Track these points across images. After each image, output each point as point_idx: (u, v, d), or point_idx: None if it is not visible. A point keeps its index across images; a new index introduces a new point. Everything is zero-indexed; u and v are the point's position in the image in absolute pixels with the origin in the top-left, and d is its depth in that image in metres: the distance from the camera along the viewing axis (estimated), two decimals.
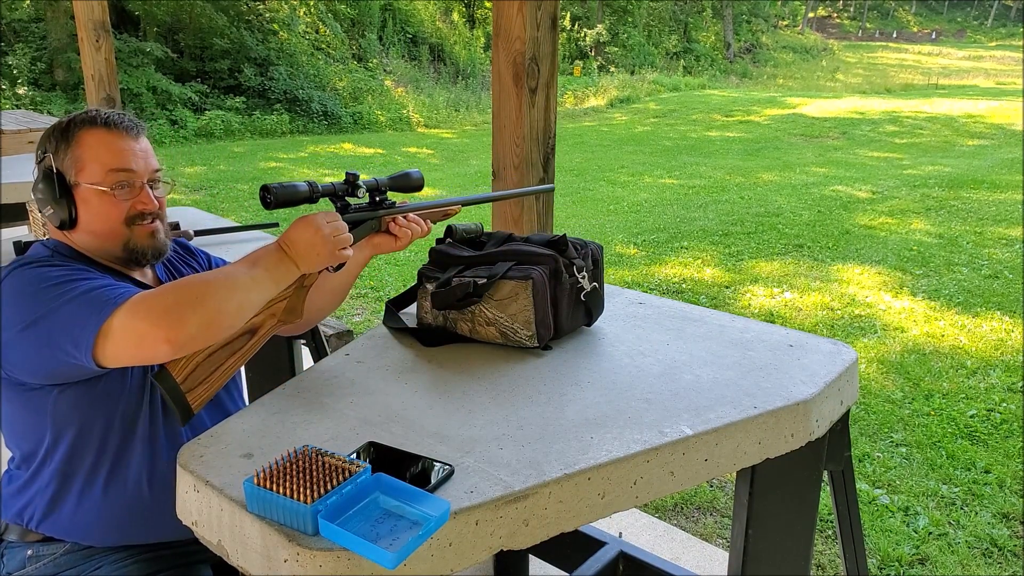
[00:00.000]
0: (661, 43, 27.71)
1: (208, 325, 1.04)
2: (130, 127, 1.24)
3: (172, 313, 1.03)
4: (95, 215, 1.21)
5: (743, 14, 32.77)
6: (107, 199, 1.21)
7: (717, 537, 2.49)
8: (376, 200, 1.31)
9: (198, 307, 1.04)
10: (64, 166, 1.20)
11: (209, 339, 1.07)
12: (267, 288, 1.13)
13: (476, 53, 20.78)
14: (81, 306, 1.07)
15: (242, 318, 1.11)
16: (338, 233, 1.17)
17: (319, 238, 1.15)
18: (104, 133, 1.22)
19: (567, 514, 0.99)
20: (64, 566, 1.23)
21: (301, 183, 1.20)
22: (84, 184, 1.20)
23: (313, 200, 1.22)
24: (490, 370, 1.29)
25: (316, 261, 1.16)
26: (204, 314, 1.04)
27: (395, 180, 1.33)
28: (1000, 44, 39.86)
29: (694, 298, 5.00)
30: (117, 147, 1.22)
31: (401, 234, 1.33)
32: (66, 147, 1.20)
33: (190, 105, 13.38)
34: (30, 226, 2.13)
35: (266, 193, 1.17)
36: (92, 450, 1.21)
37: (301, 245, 1.15)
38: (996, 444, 3.12)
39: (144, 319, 1.03)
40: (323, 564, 0.84)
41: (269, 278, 1.13)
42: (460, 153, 12.37)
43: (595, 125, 16.07)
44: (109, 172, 1.20)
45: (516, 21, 1.73)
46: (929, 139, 12.90)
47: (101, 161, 1.20)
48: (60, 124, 1.23)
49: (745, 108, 17.53)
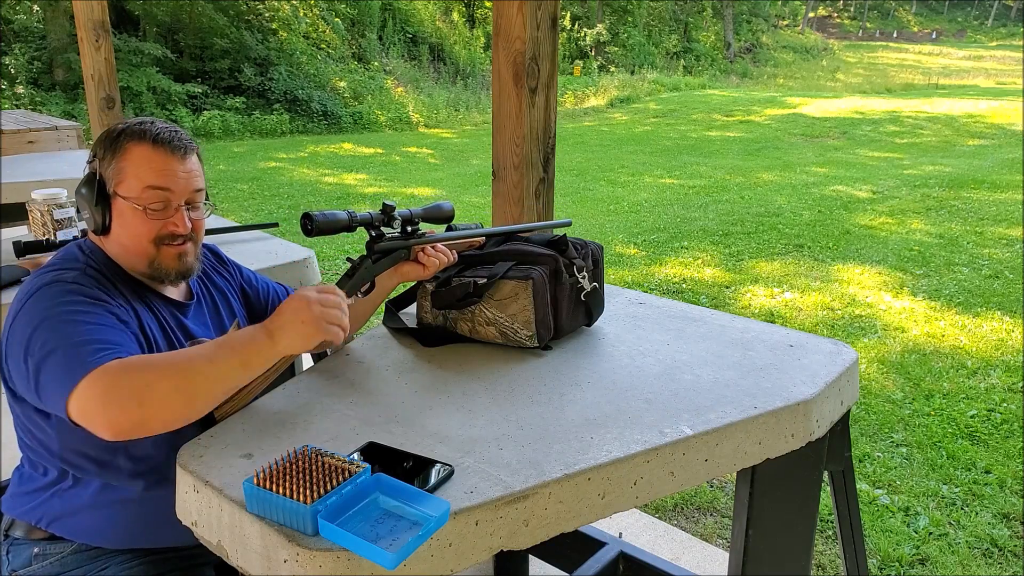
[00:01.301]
0: (661, 43, 27.70)
1: (144, 423, 1.00)
2: (178, 146, 1.23)
3: (116, 400, 0.99)
4: (125, 229, 1.22)
5: (743, 14, 32.76)
6: (139, 215, 1.21)
7: (717, 537, 2.49)
8: (408, 230, 1.35)
9: (144, 401, 0.98)
10: (107, 174, 1.21)
11: (155, 430, 1.02)
12: (236, 378, 1.04)
13: (476, 53, 20.78)
14: (63, 362, 1.04)
15: (195, 411, 1.04)
16: (330, 306, 1.08)
17: (306, 309, 1.06)
18: (149, 149, 1.21)
19: (567, 514, 0.99)
20: (70, 565, 1.23)
21: (341, 212, 1.23)
22: (120, 196, 1.21)
23: (351, 229, 1.25)
24: (490, 370, 1.29)
25: (299, 334, 1.06)
26: (145, 411, 0.99)
27: (428, 211, 1.40)
28: (1000, 44, 39.85)
29: (694, 298, 5.00)
30: (159, 165, 1.21)
31: (429, 263, 1.37)
32: (112, 156, 1.21)
33: (189, 105, 13.38)
34: (30, 226, 2.13)
35: (308, 221, 1.20)
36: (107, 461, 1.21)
37: (286, 315, 1.06)
38: (996, 444, 3.11)
39: (95, 399, 1.00)
40: (323, 564, 0.84)
41: (241, 366, 1.04)
42: (460, 153, 12.37)
43: (595, 125, 16.07)
44: (146, 189, 1.20)
45: (516, 21, 1.73)
46: (929, 139, 12.90)
47: (140, 177, 1.20)
48: (112, 131, 1.23)
49: (745, 108, 17.53)
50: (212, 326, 1.38)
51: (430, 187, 9.32)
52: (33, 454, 1.24)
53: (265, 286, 1.53)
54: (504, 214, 1.91)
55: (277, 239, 2.26)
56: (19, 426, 1.23)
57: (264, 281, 1.54)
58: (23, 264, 1.84)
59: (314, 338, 1.06)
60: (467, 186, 9.34)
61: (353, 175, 10.06)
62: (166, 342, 1.26)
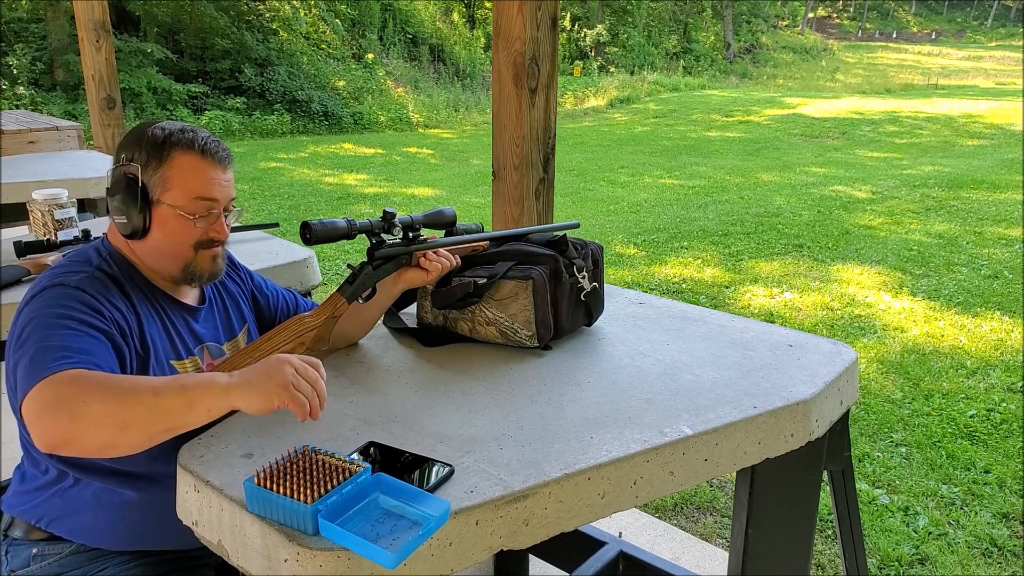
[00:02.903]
0: (661, 43, 27.71)
1: (76, 440, 0.96)
2: (223, 158, 1.25)
3: (51, 413, 0.96)
4: (167, 235, 1.22)
5: (743, 14, 32.76)
6: (185, 224, 1.22)
7: (717, 537, 2.49)
8: (410, 236, 1.35)
9: (77, 416, 0.95)
10: (151, 181, 1.21)
11: (83, 451, 0.98)
12: (173, 411, 0.98)
13: (476, 53, 20.78)
14: (28, 363, 1.03)
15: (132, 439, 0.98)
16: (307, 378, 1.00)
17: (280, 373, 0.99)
18: (198, 159, 1.22)
19: (567, 514, 0.99)
20: (69, 566, 1.23)
21: (340, 220, 1.24)
22: (166, 204, 1.21)
23: (351, 236, 1.25)
24: (490, 370, 1.29)
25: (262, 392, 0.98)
26: (79, 426, 0.96)
27: (429, 217, 1.39)
28: (1000, 44, 39.85)
29: (694, 298, 5.00)
30: (207, 176, 1.22)
31: (431, 268, 1.37)
32: (157, 163, 1.21)
33: (190, 105, 13.38)
34: (30, 226, 2.13)
35: (306, 230, 1.20)
36: (112, 462, 1.21)
37: (257, 370, 1.01)
38: (996, 444, 3.12)
39: (35, 406, 0.98)
40: (323, 564, 0.84)
41: (183, 399, 0.98)
42: (460, 153, 12.37)
43: (595, 125, 16.07)
44: (194, 199, 1.22)
45: (516, 21, 1.73)
46: (929, 139, 12.90)
47: (189, 187, 1.21)
48: (154, 137, 1.21)
49: (745, 108, 17.53)
50: (222, 330, 1.38)
51: (430, 187, 9.32)
52: (34, 452, 1.24)
53: (275, 294, 1.53)
54: (504, 214, 1.91)
55: (278, 239, 2.26)
56: (21, 424, 1.23)
57: (274, 288, 1.54)
58: (23, 264, 1.84)
59: (274, 403, 0.98)
60: (467, 186, 9.34)
61: (353, 175, 10.06)
62: (170, 346, 1.26)
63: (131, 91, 12.55)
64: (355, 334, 1.44)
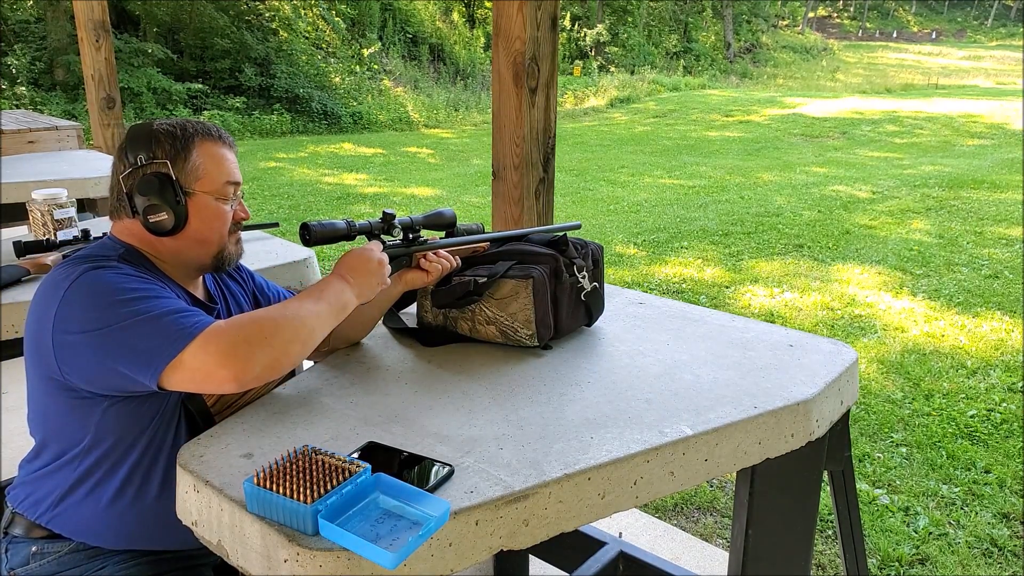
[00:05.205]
0: (661, 43, 27.72)
1: (273, 365, 1.07)
2: (232, 142, 1.31)
3: (240, 352, 1.05)
4: (205, 222, 1.25)
5: (743, 14, 32.77)
6: (220, 209, 1.26)
7: (717, 537, 2.49)
8: (410, 237, 1.37)
9: (266, 347, 1.06)
10: (182, 174, 1.22)
11: (273, 376, 1.08)
12: (329, 323, 1.17)
13: (476, 53, 20.79)
14: (156, 331, 1.07)
15: (305, 355, 1.13)
16: (385, 262, 1.26)
17: (375, 267, 1.23)
18: (220, 146, 1.26)
19: (567, 514, 0.99)
20: (68, 564, 1.23)
21: (340, 221, 1.27)
22: (201, 192, 1.23)
23: (350, 237, 1.29)
24: (490, 370, 1.29)
25: (369, 291, 1.23)
26: (271, 353, 1.06)
27: (428, 218, 1.41)
28: (1000, 44, 39.86)
29: (694, 298, 5.00)
30: (230, 160, 1.28)
31: (432, 269, 1.38)
32: (185, 156, 1.22)
33: (190, 105, 13.38)
34: (30, 226, 2.13)
35: (305, 232, 1.24)
36: (125, 462, 1.20)
37: (360, 274, 1.22)
38: (996, 444, 3.12)
39: (214, 355, 1.05)
40: (323, 564, 0.84)
41: (331, 312, 1.17)
42: (460, 153, 12.37)
43: (595, 125, 16.07)
44: (225, 184, 1.26)
45: (516, 21, 1.73)
46: (929, 139, 12.91)
47: (219, 173, 1.25)
48: (170, 133, 1.23)
49: (745, 108, 17.53)
50: None
51: (430, 187, 9.32)
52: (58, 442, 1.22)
53: (276, 295, 1.53)
54: (504, 214, 1.91)
55: (277, 239, 2.26)
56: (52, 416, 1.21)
57: (275, 289, 1.54)
58: (23, 264, 1.84)
59: (376, 293, 1.24)
60: (467, 186, 9.34)
61: (353, 175, 10.06)
62: None
63: (131, 91, 12.56)
64: (355, 334, 1.44)
